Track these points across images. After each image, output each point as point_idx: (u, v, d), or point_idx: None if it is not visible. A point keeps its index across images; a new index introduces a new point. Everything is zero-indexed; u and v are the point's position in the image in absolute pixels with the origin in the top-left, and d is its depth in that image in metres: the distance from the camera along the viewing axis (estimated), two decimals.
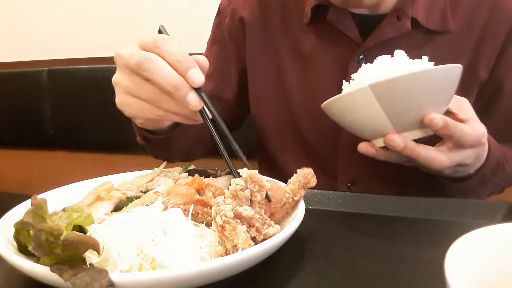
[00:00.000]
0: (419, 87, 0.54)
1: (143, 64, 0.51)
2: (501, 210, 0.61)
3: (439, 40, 0.75)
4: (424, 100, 0.56)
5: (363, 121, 0.60)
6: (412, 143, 0.58)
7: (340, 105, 0.60)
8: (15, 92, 1.68)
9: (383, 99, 0.55)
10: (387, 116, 0.56)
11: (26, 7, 1.74)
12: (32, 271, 0.38)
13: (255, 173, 0.47)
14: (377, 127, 0.59)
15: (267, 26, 0.85)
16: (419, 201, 0.62)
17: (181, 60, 0.51)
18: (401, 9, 0.73)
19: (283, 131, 0.87)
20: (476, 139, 0.59)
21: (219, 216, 0.43)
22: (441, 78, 0.55)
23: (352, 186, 0.82)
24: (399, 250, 0.49)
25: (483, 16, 0.75)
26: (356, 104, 0.58)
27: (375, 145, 0.62)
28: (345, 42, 0.77)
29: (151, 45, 0.52)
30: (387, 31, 0.74)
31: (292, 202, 0.52)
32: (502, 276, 0.30)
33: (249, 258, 0.40)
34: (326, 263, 0.46)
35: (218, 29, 0.91)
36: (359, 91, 0.56)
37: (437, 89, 0.56)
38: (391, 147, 0.58)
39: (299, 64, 0.83)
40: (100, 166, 1.62)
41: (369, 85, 0.54)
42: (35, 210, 0.39)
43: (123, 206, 0.53)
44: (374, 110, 0.56)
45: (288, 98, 0.84)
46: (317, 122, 0.82)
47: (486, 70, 0.77)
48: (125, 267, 0.40)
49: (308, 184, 0.53)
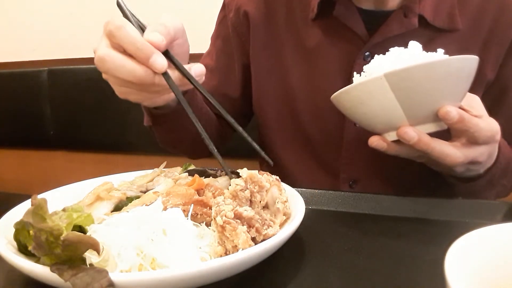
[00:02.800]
0: (436, 77, 0.52)
1: (103, 65, 0.52)
2: (501, 210, 0.61)
3: (446, 39, 0.74)
4: (440, 91, 0.54)
5: (376, 112, 0.57)
6: (426, 137, 0.56)
7: (353, 95, 0.58)
8: (15, 92, 1.68)
9: (398, 89, 0.53)
10: (401, 107, 0.55)
11: (26, 7, 1.74)
12: (32, 271, 0.38)
13: (255, 174, 0.47)
14: (390, 119, 0.57)
15: (271, 21, 0.84)
16: (419, 201, 0.62)
17: (140, 48, 0.49)
18: (408, 6, 0.72)
19: (285, 128, 0.86)
20: (491, 134, 0.57)
21: (219, 217, 0.42)
22: (458, 68, 0.53)
23: (353, 184, 0.82)
24: (399, 250, 0.49)
25: (491, 17, 0.75)
26: (369, 95, 0.55)
27: (387, 139, 0.59)
28: (351, 38, 0.76)
29: (108, 35, 0.51)
30: (394, 28, 0.73)
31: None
32: (502, 276, 0.30)
33: (249, 258, 0.40)
34: (326, 263, 0.46)
35: (222, 24, 0.90)
36: (373, 81, 0.54)
37: (454, 80, 0.54)
38: (404, 140, 0.56)
39: (303, 60, 0.82)
40: (100, 166, 1.62)
41: (384, 74, 0.53)
42: (35, 210, 0.39)
43: (123, 206, 0.53)
44: (388, 100, 0.54)
45: (291, 94, 0.84)
46: (320, 119, 0.82)
47: (493, 71, 0.76)
48: (125, 267, 0.40)
49: None
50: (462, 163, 0.58)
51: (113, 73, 0.52)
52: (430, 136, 0.56)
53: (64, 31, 1.69)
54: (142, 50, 0.50)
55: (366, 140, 0.61)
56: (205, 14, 1.12)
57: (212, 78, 0.89)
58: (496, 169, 0.66)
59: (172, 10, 1.52)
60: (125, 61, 0.50)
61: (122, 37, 0.50)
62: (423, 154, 0.58)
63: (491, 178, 0.66)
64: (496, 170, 0.66)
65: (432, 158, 0.58)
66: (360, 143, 0.76)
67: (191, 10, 1.50)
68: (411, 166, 0.64)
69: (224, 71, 0.90)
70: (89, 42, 1.70)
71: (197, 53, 1.35)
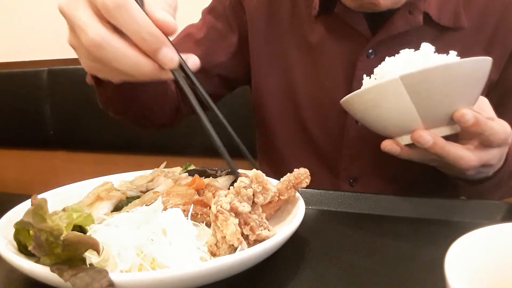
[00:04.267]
0: (452, 79, 0.52)
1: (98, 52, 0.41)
2: (501, 210, 0.61)
3: (451, 37, 0.74)
4: (456, 93, 0.53)
5: (390, 115, 0.56)
6: (441, 140, 0.55)
7: (366, 98, 0.57)
8: (15, 92, 1.68)
9: (414, 92, 0.52)
10: (416, 110, 0.54)
11: (26, 7, 1.74)
12: (32, 271, 0.38)
13: (261, 174, 0.47)
14: (404, 122, 0.56)
15: (275, 15, 0.84)
16: (419, 201, 0.62)
17: (146, 38, 0.40)
18: (413, 3, 0.72)
19: (287, 124, 0.86)
20: (505, 137, 0.56)
21: (214, 205, 0.43)
22: (474, 70, 0.53)
23: (354, 182, 0.82)
24: (399, 250, 0.49)
25: (496, 17, 0.74)
26: (384, 97, 0.54)
27: (400, 142, 0.58)
28: (354, 35, 0.76)
29: (105, 14, 0.40)
30: (398, 25, 0.72)
31: (279, 201, 0.51)
32: (502, 276, 0.30)
33: (249, 258, 0.40)
34: (326, 263, 0.46)
35: (219, 2, 0.89)
36: (389, 83, 0.53)
37: (470, 82, 0.54)
38: (419, 144, 0.55)
39: (306, 56, 0.82)
40: (100, 166, 1.62)
41: (400, 76, 0.52)
42: (35, 210, 0.39)
43: (123, 206, 0.53)
44: (404, 103, 0.53)
45: (293, 90, 0.83)
46: (322, 116, 0.81)
47: (497, 72, 0.76)
48: (125, 267, 0.40)
49: (300, 185, 0.52)
50: (476, 166, 0.57)
51: (109, 63, 0.42)
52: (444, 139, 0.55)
53: (64, 31, 1.69)
54: (151, 40, 0.40)
55: (368, 138, 0.60)
56: None
57: (195, 49, 0.85)
58: (504, 171, 0.65)
59: None
60: (129, 52, 0.41)
61: (125, 20, 0.39)
62: (436, 158, 0.57)
63: (499, 180, 0.66)
64: (505, 172, 0.65)
65: (446, 162, 0.57)
66: (362, 141, 0.76)
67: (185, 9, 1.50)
68: (412, 165, 0.64)
69: (210, 45, 0.86)
70: None
71: None
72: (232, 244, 0.41)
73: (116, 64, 0.41)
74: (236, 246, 0.41)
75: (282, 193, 0.51)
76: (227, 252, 0.42)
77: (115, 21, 0.40)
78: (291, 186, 0.51)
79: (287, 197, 0.51)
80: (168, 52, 0.41)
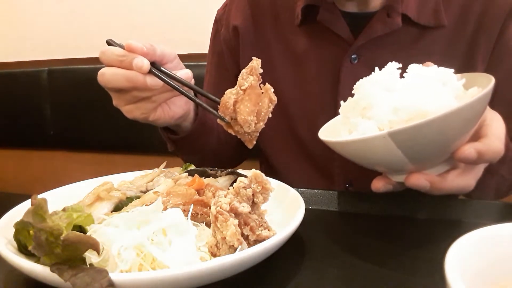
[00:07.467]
0: (449, 128, 0.46)
1: (103, 78, 0.60)
2: (501, 210, 0.61)
3: (433, 36, 0.75)
4: (453, 138, 0.48)
5: (379, 162, 0.52)
6: (437, 181, 0.50)
7: (352, 148, 0.52)
8: (15, 92, 1.68)
9: (405, 146, 0.46)
10: (409, 161, 0.48)
11: (26, 7, 1.74)
12: (32, 271, 0.38)
13: (260, 174, 0.47)
14: (396, 167, 0.51)
15: (259, 30, 0.86)
16: (419, 201, 0.62)
17: (122, 58, 0.58)
18: (390, 6, 0.72)
19: (279, 134, 0.87)
20: (500, 150, 0.51)
21: (214, 206, 0.43)
22: (475, 112, 0.47)
23: (350, 187, 0.82)
24: (399, 250, 0.49)
25: (477, 10, 0.75)
26: (372, 150, 0.49)
27: (393, 180, 0.53)
28: (337, 41, 0.77)
29: (102, 61, 0.61)
30: (377, 29, 0.73)
31: (246, 94, 0.56)
32: (502, 276, 0.30)
33: (249, 258, 0.40)
34: (326, 263, 0.46)
35: (216, 39, 0.92)
36: (375, 139, 0.47)
37: (469, 123, 0.48)
38: (415, 188, 0.50)
39: (292, 65, 0.83)
40: (100, 166, 1.62)
41: (388, 133, 0.45)
42: (35, 210, 0.39)
43: (123, 206, 0.53)
44: (394, 155, 0.48)
45: (283, 100, 0.83)
46: (312, 123, 0.81)
47: (484, 62, 0.76)
48: (125, 267, 0.40)
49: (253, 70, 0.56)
50: (473, 185, 0.53)
51: (112, 84, 0.59)
52: (440, 175, 0.51)
53: (64, 31, 1.70)
54: (125, 59, 0.58)
55: None
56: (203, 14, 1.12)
57: (214, 94, 0.89)
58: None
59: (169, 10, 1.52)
60: (117, 70, 0.59)
61: (107, 56, 0.59)
62: None
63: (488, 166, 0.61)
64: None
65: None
66: None
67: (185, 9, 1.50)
68: None
69: (219, 83, 0.91)
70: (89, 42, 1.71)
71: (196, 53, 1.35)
72: (233, 245, 0.41)
73: (114, 81, 0.59)
74: (236, 247, 0.41)
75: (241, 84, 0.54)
76: (228, 252, 0.42)
77: (105, 60, 0.60)
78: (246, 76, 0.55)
79: (247, 85, 0.54)
80: (139, 60, 0.57)
